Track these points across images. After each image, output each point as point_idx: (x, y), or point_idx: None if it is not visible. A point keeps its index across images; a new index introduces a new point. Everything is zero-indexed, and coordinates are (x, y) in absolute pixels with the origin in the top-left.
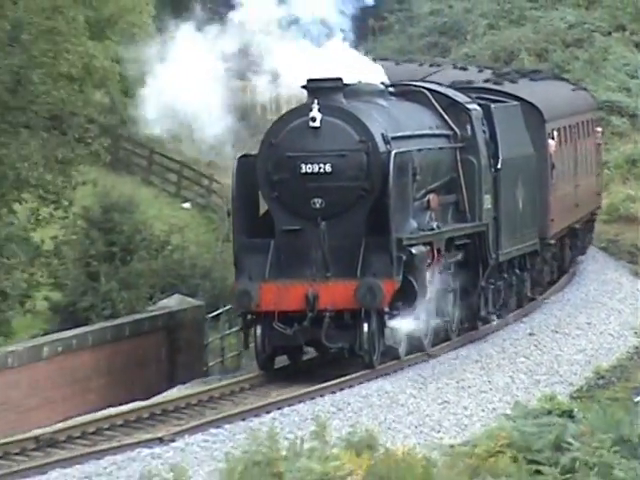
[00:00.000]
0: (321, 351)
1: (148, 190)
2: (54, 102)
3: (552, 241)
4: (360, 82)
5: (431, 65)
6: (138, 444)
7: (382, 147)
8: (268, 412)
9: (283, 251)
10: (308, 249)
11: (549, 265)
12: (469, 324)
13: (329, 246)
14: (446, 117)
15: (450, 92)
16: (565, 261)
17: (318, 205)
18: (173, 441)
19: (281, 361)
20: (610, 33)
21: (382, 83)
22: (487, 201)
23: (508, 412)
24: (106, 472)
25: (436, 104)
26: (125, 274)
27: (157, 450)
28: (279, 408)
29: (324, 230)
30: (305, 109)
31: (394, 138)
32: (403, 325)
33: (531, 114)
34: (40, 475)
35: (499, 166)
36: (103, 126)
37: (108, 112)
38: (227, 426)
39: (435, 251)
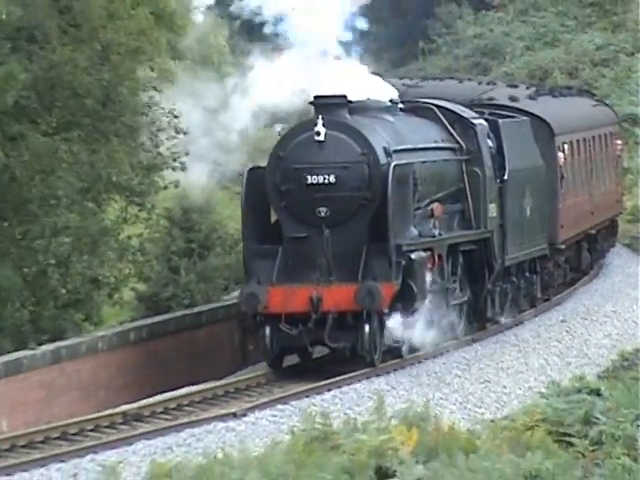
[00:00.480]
0: (332, 349)
1: (223, 193)
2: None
3: (562, 246)
4: (368, 99)
5: (488, 83)
6: (214, 418)
7: (383, 159)
8: (329, 390)
9: (290, 257)
10: (314, 255)
11: (562, 268)
12: (478, 324)
13: (333, 252)
14: (452, 131)
15: (457, 108)
16: (583, 264)
17: (323, 214)
18: (245, 416)
19: (289, 359)
20: (633, 54)
21: (391, 100)
22: (492, 210)
23: (542, 390)
24: (185, 443)
25: (443, 119)
26: (202, 268)
27: (231, 424)
28: (339, 387)
29: (328, 237)
30: (310, 124)
31: (396, 151)
32: (402, 326)
33: (541, 128)
34: (127, 446)
35: (505, 177)
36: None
37: None
38: (293, 402)
39: (436, 256)
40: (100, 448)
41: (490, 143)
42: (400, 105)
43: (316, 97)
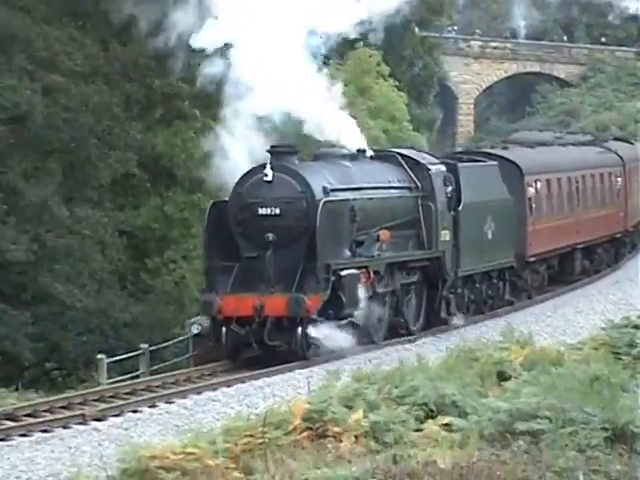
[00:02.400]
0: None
1: None
2: None
3: (531, 259)
4: (334, 148)
5: (583, 133)
6: (396, 343)
7: (319, 196)
8: (476, 322)
9: (244, 272)
10: (261, 271)
11: (541, 275)
12: (435, 322)
13: (275, 269)
14: (411, 174)
15: (418, 156)
16: (576, 268)
17: (270, 238)
18: (416, 340)
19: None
20: None
21: (359, 149)
22: (445, 235)
23: (603, 326)
24: (377, 357)
25: (404, 164)
26: None
27: (407, 346)
28: (484, 321)
29: (270, 257)
30: (262, 168)
31: (335, 189)
32: (327, 328)
33: (512, 169)
34: (344, 359)
35: (460, 208)
36: None
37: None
38: (454, 331)
39: (372, 272)
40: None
41: (447, 182)
42: (370, 153)
43: (271, 146)
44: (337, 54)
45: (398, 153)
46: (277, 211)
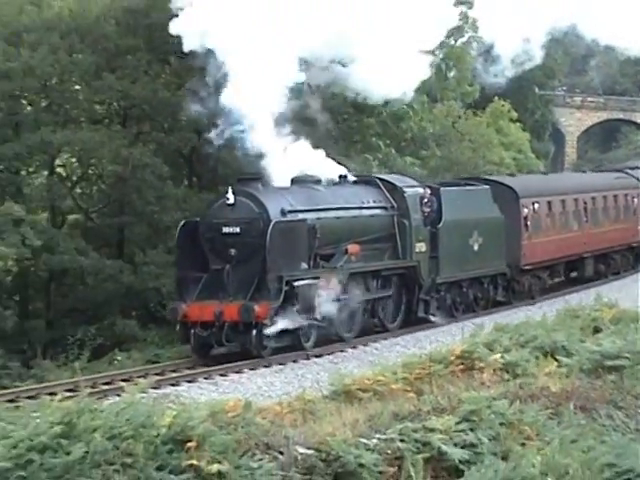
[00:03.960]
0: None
1: None
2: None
3: (527, 267)
4: (305, 175)
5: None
6: (520, 307)
7: (273, 217)
8: (577, 292)
9: (210, 282)
10: (223, 282)
11: (542, 280)
12: (414, 321)
13: (235, 280)
14: (388, 195)
15: (395, 180)
16: (586, 273)
17: (232, 253)
18: (535, 304)
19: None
20: None
21: (340, 175)
22: (420, 247)
23: None
24: (507, 315)
25: (382, 187)
26: None
27: (531, 307)
28: (580, 291)
29: (229, 270)
30: (225, 193)
31: (299, 210)
32: (276, 331)
33: (509, 193)
34: (487, 315)
35: (440, 225)
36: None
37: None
38: (566, 297)
39: (333, 280)
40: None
41: (427, 202)
42: (353, 178)
43: (239, 176)
44: (480, 105)
45: (378, 178)
46: (237, 230)
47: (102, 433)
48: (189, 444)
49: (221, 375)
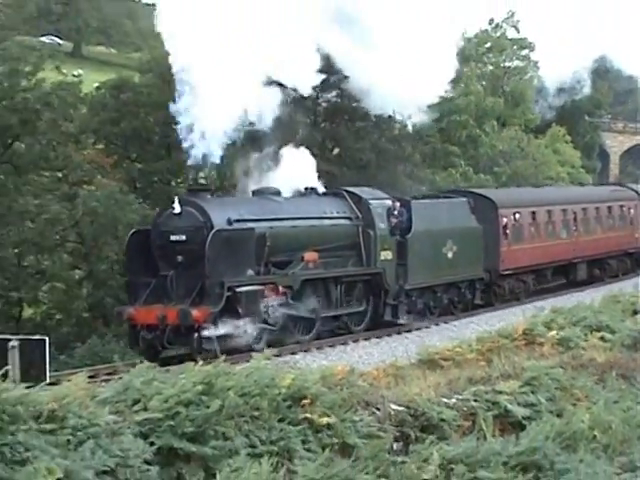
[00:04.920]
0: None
1: None
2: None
3: (506, 272)
4: (268, 187)
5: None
6: (568, 293)
7: (219, 226)
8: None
9: (158, 287)
10: (168, 287)
11: (526, 283)
12: (381, 324)
13: (180, 285)
14: (354, 207)
15: (362, 193)
16: (578, 276)
17: (179, 260)
18: (584, 290)
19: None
20: None
21: (306, 187)
22: (385, 255)
23: None
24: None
25: (349, 199)
26: None
27: (581, 293)
28: (619, 282)
29: (173, 276)
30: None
31: (248, 220)
32: (215, 335)
33: (488, 204)
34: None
35: (410, 235)
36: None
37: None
38: (608, 285)
39: (280, 287)
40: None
41: (396, 214)
42: (321, 191)
43: (188, 186)
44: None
45: (346, 191)
46: (184, 238)
47: (235, 391)
48: (304, 401)
49: (330, 346)
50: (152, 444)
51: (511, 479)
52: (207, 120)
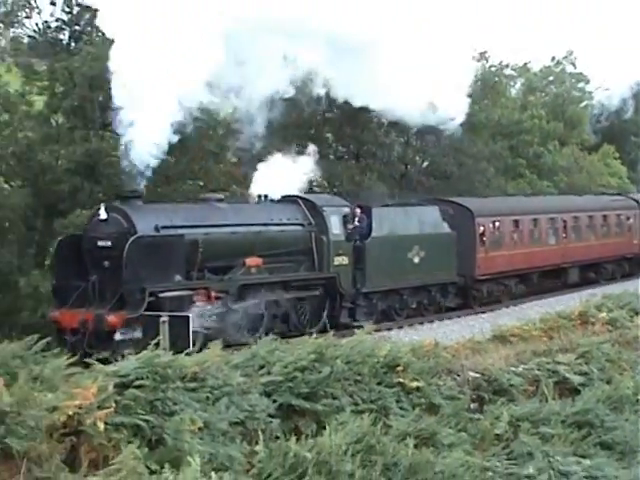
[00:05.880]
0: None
1: None
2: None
3: (483, 277)
4: (214, 195)
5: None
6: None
7: (143, 232)
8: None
9: (85, 291)
10: (91, 291)
11: (508, 287)
12: (338, 327)
13: (103, 290)
14: (307, 213)
15: (317, 200)
16: (570, 279)
17: (106, 265)
18: (621, 282)
19: None
20: None
21: (260, 195)
22: (340, 260)
23: None
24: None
25: (303, 206)
26: None
27: (626, 284)
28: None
29: (95, 281)
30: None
31: (178, 227)
32: (130, 338)
33: (465, 212)
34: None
35: (368, 240)
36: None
37: None
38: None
39: (212, 292)
40: None
41: (356, 219)
42: (272, 198)
43: (121, 192)
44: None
45: (301, 198)
46: (109, 243)
47: (341, 360)
48: (398, 368)
49: (419, 324)
50: (274, 401)
51: (568, 434)
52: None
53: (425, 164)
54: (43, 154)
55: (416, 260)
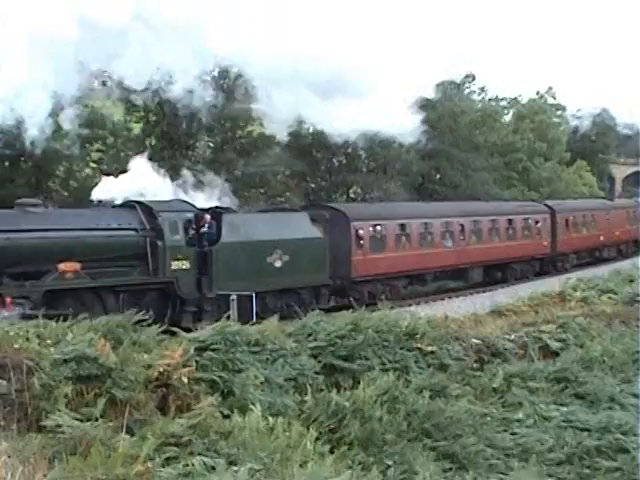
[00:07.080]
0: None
1: None
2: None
3: (359, 279)
4: (30, 200)
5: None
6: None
7: None
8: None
9: None
10: None
11: (397, 287)
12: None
13: None
14: (143, 219)
15: (155, 205)
16: (470, 281)
17: None
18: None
19: None
20: None
21: (99, 201)
22: (179, 264)
23: None
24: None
25: (139, 211)
26: None
27: (596, 270)
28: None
29: None
30: None
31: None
32: None
33: (341, 217)
34: None
35: (215, 246)
36: None
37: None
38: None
39: (7, 298)
40: None
41: (203, 224)
42: (112, 204)
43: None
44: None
45: (139, 203)
46: None
47: (372, 329)
48: (416, 336)
49: (432, 301)
50: (319, 362)
51: (550, 388)
52: None
53: (438, 176)
54: None
55: (278, 264)
